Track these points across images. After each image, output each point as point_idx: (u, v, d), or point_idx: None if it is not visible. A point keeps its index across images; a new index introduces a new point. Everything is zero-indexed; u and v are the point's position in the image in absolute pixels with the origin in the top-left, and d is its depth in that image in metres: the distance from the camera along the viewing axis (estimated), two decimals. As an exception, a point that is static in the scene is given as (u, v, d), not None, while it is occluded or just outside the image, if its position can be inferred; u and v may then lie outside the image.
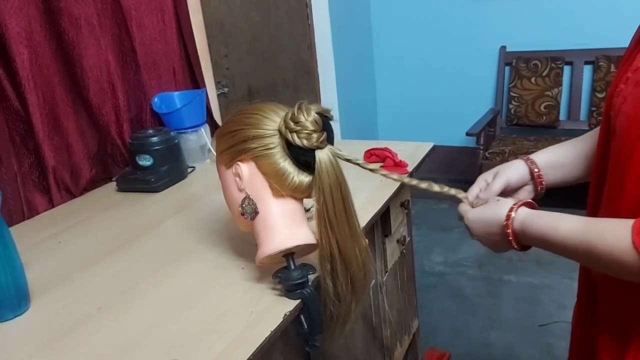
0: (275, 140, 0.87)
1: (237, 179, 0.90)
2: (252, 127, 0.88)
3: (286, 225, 0.89)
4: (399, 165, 1.44)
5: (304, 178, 0.88)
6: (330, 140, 0.88)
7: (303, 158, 0.86)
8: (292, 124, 0.85)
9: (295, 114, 0.86)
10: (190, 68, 1.92)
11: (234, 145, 0.90)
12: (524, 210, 0.79)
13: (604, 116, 0.78)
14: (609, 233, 0.67)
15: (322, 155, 0.86)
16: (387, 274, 1.46)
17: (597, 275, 0.81)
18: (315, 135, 0.85)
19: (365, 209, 0.99)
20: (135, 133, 1.58)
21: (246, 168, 0.89)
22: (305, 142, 0.85)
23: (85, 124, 1.56)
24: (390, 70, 3.80)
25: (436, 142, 1.71)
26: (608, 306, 0.79)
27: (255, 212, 0.89)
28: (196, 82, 1.94)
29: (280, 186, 0.89)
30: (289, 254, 0.89)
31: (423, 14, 3.57)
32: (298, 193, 0.90)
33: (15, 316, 0.93)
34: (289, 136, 0.85)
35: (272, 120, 0.88)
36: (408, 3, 3.59)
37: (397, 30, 3.67)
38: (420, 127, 3.78)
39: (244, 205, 0.90)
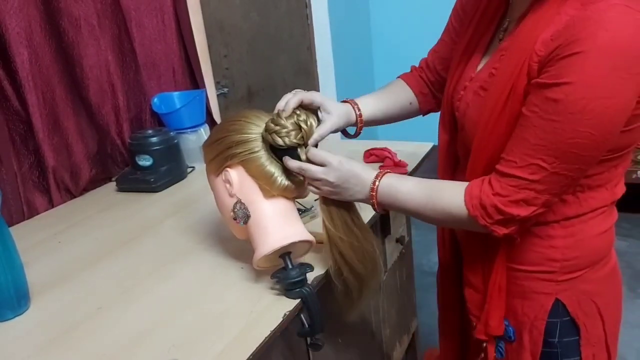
0: (259, 144, 0.90)
1: (228, 185, 0.91)
2: (236, 132, 0.91)
3: (279, 225, 0.91)
4: (398, 165, 1.44)
5: (293, 179, 0.91)
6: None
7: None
8: (272, 125, 0.88)
9: (275, 118, 0.90)
10: (190, 68, 1.92)
11: (220, 152, 0.91)
12: (386, 179, 0.89)
13: (447, 114, 0.99)
14: (446, 192, 0.86)
15: (303, 155, 0.89)
16: (386, 273, 1.46)
17: (461, 237, 0.99)
18: (293, 133, 0.88)
19: (364, 209, 1.00)
20: (134, 133, 1.59)
21: (235, 173, 0.91)
22: (286, 140, 0.87)
23: (85, 124, 1.56)
24: (389, 71, 3.78)
25: (436, 142, 1.71)
26: (470, 266, 0.96)
27: (247, 216, 0.91)
28: (196, 82, 1.94)
29: (270, 187, 0.91)
30: (285, 254, 0.90)
31: (422, 14, 3.57)
32: (288, 193, 0.92)
33: (15, 316, 0.94)
34: (269, 138, 0.88)
35: (256, 125, 0.91)
36: (407, 3, 3.59)
37: (397, 30, 3.68)
38: (420, 127, 3.76)
39: (235, 210, 0.91)
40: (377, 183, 0.89)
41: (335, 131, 0.99)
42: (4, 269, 0.91)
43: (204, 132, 1.75)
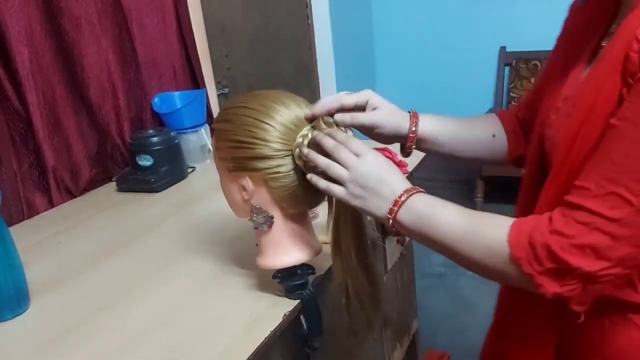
0: (289, 161, 0.77)
1: (243, 192, 0.82)
2: (262, 144, 0.77)
3: (291, 241, 0.85)
4: (399, 165, 1.44)
5: (319, 199, 0.82)
6: None
7: None
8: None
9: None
10: (191, 68, 1.92)
11: (240, 158, 0.79)
12: (421, 197, 0.70)
13: (536, 146, 0.77)
14: (494, 222, 0.65)
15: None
16: (386, 274, 1.45)
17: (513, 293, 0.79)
18: None
19: (365, 210, 1.00)
20: (135, 133, 1.59)
21: (253, 183, 0.81)
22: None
23: (85, 123, 1.56)
24: (390, 70, 3.79)
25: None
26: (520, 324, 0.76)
27: (270, 219, 0.82)
28: (196, 82, 1.94)
29: (290, 207, 0.82)
30: None
31: (423, 15, 3.56)
32: (308, 209, 0.87)
33: (15, 316, 0.93)
34: (304, 169, 0.77)
35: (287, 140, 0.77)
36: (408, 3, 3.59)
37: (398, 30, 3.67)
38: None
39: (254, 218, 0.83)
40: (403, 198, 0.69)
41: (370, 132, 0.83)
42: (3, 269, 0.91)
43: (205, 132, 1.75)
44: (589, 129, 0.60)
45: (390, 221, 0.70)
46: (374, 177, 0.70)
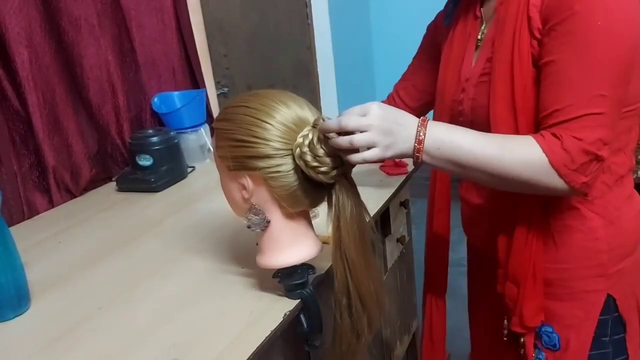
0: (289, 160, 0.78)
1: (243, 191, 0.82)
2: (262, 143, 0.77)
3: (291, 240, 0.85)
4: (398, 165, 1.44)
5: (319, 199, 0.83)
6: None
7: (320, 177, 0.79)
8: (309, 156, 0.76)
9: (315, 144, 0.76)
10: (190, 68, 1.92)
11: (240, 157, 0.79)
12: (435, 129, 0.80)
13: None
14: (519, 141, 0.79)
15: (341, 192, 0.79)
16: (386, 273, 1.46)
17: (498, 222, 0.94)
18: (334, 173, 0.78)
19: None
20: (135, 133, 1.59)
21: (253, 182, 0.81)
22: (322, 177, 0.77)
23: (85, 124, 1.56)
24: (389, 70, 3.78)
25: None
26: (511, 257, 0.90)
27: (265, 222, 0.83)
28: (196, 82, 1.94)
29: (290, 207, 0.82)
30: None
31: (422, 14, 3.56)
32: (308, 208, 0.87)
33: (16, 316, 0.94)
34: (304, 170, 0.77)
35: (287, 140, 0.77)
36: (408, 3, 3.59)
37: (397, 30, 3.67)
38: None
39: (250, 217, 0.83)
40: (422, 129, 0.79)
41: None
42: (4, 269, 0.91)
43: (204, 132, 1.75)
44: (519, 76, 0.80)
45: (421, 152, 0.79)
46: (390, 121, 0.78)
